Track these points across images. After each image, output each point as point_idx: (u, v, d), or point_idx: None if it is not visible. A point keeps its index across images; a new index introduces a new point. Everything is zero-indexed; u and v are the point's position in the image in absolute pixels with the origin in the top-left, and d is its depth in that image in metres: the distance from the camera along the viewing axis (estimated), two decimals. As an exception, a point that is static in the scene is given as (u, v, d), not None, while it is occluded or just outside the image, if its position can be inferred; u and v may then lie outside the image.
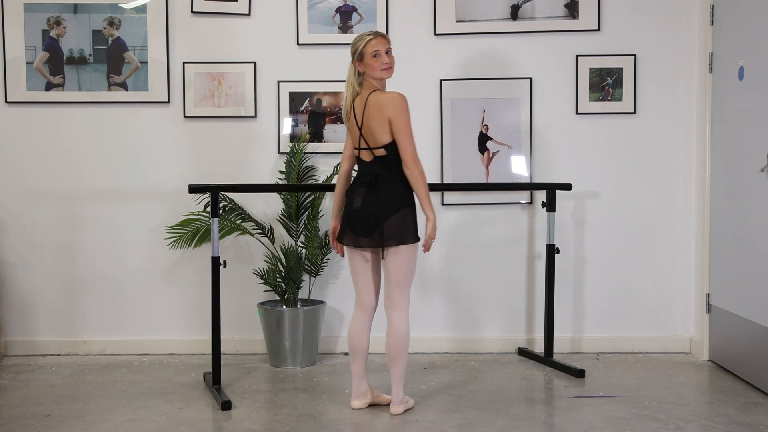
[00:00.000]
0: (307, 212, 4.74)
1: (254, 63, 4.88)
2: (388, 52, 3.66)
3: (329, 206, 4.87)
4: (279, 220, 4.82)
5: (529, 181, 4.91)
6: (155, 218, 4.90)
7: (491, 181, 4.89)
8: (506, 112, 4.88)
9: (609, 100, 4.88)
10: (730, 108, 4.45)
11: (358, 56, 3.68)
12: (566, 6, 4.85)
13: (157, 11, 4.86)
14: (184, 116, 4.90)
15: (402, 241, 3.62)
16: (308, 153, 4.84)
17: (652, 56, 4.87)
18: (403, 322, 3.69)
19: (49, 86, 4.87)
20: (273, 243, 4.81)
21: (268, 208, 4.92)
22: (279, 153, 4.91)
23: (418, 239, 3.68)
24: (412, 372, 4.51)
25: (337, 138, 4.88)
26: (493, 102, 4.88)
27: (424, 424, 3.64)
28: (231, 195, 4.74)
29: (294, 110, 4.90)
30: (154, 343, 4.94)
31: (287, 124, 4.90)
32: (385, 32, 4.83)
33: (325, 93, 4.89)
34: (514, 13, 4.86)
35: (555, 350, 4.75)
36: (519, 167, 4.90)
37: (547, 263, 4.69)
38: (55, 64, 4.86)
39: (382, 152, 3.64)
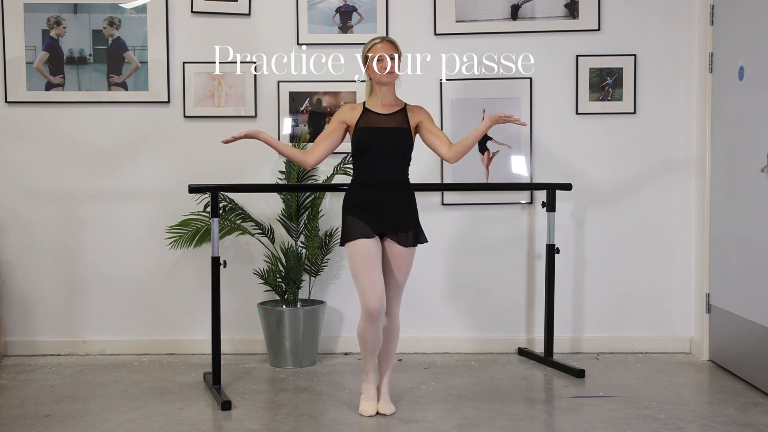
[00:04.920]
0: (307, 212, 4.74)
1: (254, 63, 4.88)
2: (392, 58, 3.66)
3: (329, 206, 4.87)
4: (279, 220, 4.82)
5: (529, 181, 4.91)
6: (155, 218, 4.90)
7: (491, 181, 4.89)
8: (506, 112, 4.86)
9: (609, 100, 4.88)
10: (730, 108, 4.45)
11: (363, 60, 3.72)
12: (566, 6, 4.85)
13: (157, 11, 4.86)
14: (184, 116, 4.90)
15: (419, 240, 3.77)
16: (308, 153, 4.83)
17: (652, 56, 4.87)
18: (399, 317, 3.84)
19: (49, 86, 4.87)
20: (273, 243, 4.81)
21: (268, 208, 4.92)
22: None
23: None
24: (412, 372, 4.51)
25: (337, 138, 4.87)
26: (493, 102, 4.88)
27: (424, 424, 3.64)
28: (231, 195, 4.74)
29: (294, 110, 4.90)
30: (154, 343, 4.94)
31: (287, 124, 4.90)
32: (385, 32, 4.83)
33: (325, 93, 4.89)
34: (514, 13, 4.86)
35: (555, 350, 4.75)
36: (519, 167, 4.90)
37: (547, 263, 4.69)
38: (55, 64, 4.86)
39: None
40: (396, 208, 3.69)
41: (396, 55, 3.68)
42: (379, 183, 3.68)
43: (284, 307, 4.65)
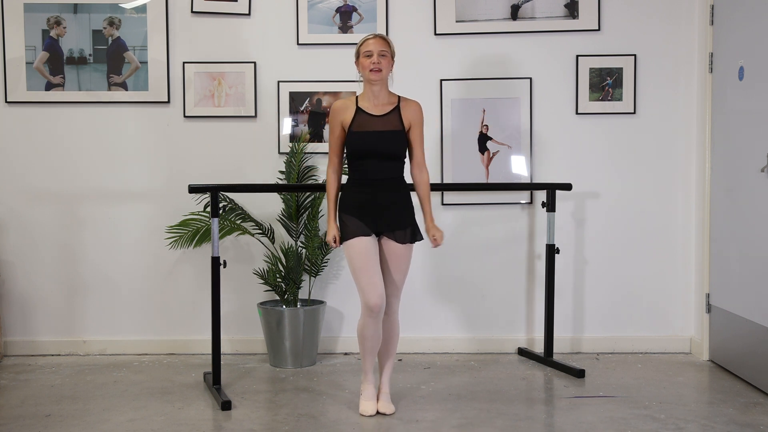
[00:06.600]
0: (307, 212, 4.74)
1: (254, 63, 4.88)
2: (383, 55, 3.65)
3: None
4: (279, 220, 4.82)
5: (529, 181, 4.91)
6: (155, 218, 4.90)
7: (491, 181, 4.89)
8: (506, 112, 4.88)
9: (609, 100, 4.88)
10: (730, 108, 4.45)
11: (355, 55, 3.75)
12: (566, 6, 4.85)
13: (157, 11, 4.86)
14: (184, 116, 4.90)
15: (416, 237, 3.78)
16: (308, 153, 4.84)
17: (652, 56, 4.87)
18: (398, 316, 3.82)
19: (49, 86, 4.87)
20: (273, 243, 4.81)
21: (268, 208, 4.92)
22: (279, 153, 4.91)
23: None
24: (412, 372, 4.51)
25: (337, 138, 4.88)
26: (493, 102, 4.88)
27: (424, 424, 3.64)
28: (231, 195, 4.74)
29: (294, 110, 4.90)
30: (154, 343, 4.94)
31: (287, 124, 4.90)
32: (385, 32, 4.84)
33: (325, 93, 4.89)
34: (514, 13, 4.86)
35: (555, 350, 4.75)
36: (519, 167, 4.90)
37: (547, 263, 4.69)
38: (55, 64, 4.86)
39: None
40: (393, 206, 3.71)
41: (387, 53, 3.67)
42: (376, 183, 3.69)
43: (284, 307, 4.65)
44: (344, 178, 3.87)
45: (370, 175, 3.69)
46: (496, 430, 3.56)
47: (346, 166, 3.85)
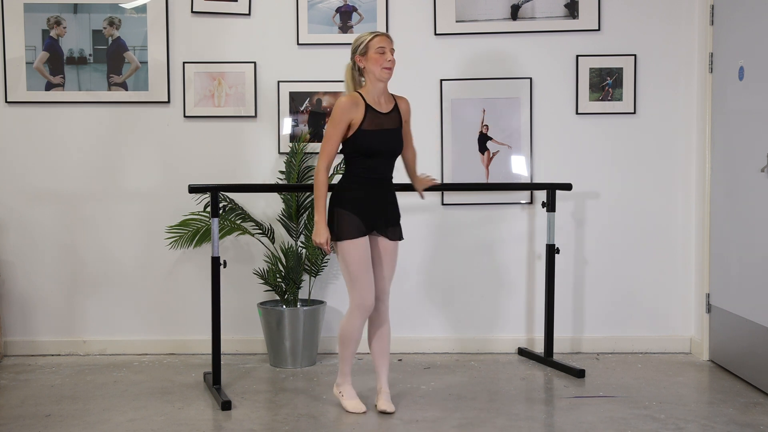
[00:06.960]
0: (307, 212, 4.74)
1: (254, 63, 4.88)
2: (392, 51, 3.67)
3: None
4: (279, 220, 4.82)
5: (529, 181, 4.91)
6: (155, 218, 4.90)
7: (491, 181, 4.89)
8: (506, 112, 4.88)
9: (609, 100, 4.88)
10: (730, 108, 4.45)
11: (362, 50, 3.67)
12: (566, 6, 4.85)
13: (157, 11, 4.86)
14: (184, 116, 4.90)
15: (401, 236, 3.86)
16: (308, 153, 4.84)
17: (652, 56, 4.87)
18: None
19: (49, 86, 4.87)
20: (273, 243, 4.81)
21: (268, 208, 4.92)
22: (279, 153, 4.92)
23: None
24: (412, 372, 4.51)
25: (337, 138, 4.87)
26: (493, 102, 4.88)
27: (424, 424, 3.64)
28: (231, 195, 4.74)
29: (294, 110, 4.90)
30: (154, 343, 4.94)
31: (287, 124, 4.90)
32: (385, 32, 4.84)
33: (325, 93, 4.89)
34: (514, 13, 4.86)
35: (555, 350, 4.75)
36: (519, 167, 4.91)
37: (547, 263, 4.69)
38: (55, 64, 4.87)
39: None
40: (389, 204, 3.76)
41: (394, 51, 3.69)
42: (378, 181, 3.71)
43: (284, 307, 4.65)
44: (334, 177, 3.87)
45: (376, 173, 3.70)
46: (496, 430, 3.56)
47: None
